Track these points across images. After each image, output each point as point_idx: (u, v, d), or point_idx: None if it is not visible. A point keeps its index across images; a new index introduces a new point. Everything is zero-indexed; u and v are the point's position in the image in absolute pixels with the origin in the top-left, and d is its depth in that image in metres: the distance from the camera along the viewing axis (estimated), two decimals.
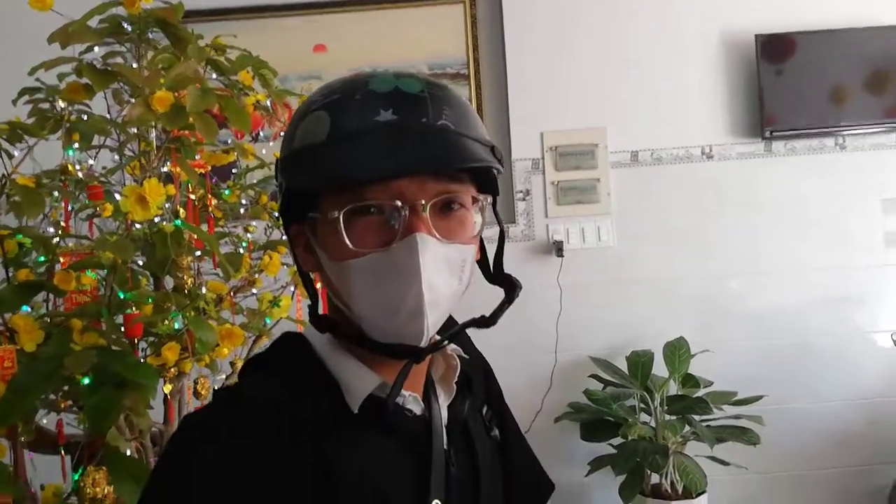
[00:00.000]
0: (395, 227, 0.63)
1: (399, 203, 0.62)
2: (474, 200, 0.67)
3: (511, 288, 0.70)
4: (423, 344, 0.65)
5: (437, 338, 0.68)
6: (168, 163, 1.18)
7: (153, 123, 1.12)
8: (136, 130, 1.24)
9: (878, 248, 2.60)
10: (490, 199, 0.69)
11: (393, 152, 0.60)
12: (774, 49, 2.51)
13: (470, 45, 2.64)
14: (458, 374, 0.74)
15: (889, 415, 2.55)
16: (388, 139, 0.61)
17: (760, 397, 2.37)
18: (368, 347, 0.67)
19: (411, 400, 0.70)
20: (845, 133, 2.57)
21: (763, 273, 2.60)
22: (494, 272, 0.73)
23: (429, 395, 0.73)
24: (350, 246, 0.63)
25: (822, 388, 2.60)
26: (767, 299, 2.60)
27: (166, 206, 1.20)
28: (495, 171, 0.67)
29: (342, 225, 0.63)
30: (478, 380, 0.80)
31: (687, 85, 2.60)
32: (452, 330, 0.70)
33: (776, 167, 2.59)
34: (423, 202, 0.63)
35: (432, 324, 0.64)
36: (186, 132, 1.16)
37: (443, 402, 0.73)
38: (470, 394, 0.76)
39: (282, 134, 1.89)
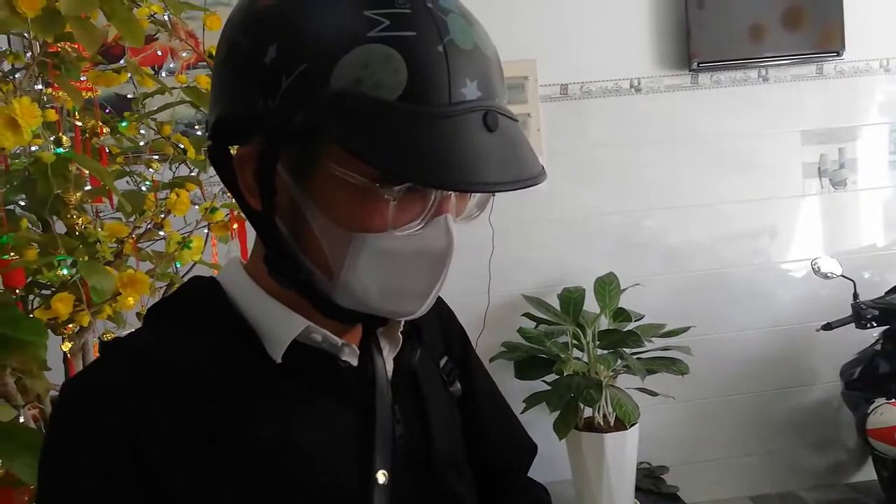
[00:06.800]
0: (427, 205, 0.52)
1: None
2: None
3: None
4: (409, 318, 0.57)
5: None
6: (47, 83, 1.00)
7: (23, 34, 0.94)
8: (6, 47, 1.05)
9: (796, 180, 2.67)
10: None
11: (491, 161, 0.49)
12: None
13: None
14: (402, 323, 0.64)
15: (802, 340, 2.67)
16: (479, 133, 0.49)
17: (688, 328, 2.41)
18: (322, 309, 0.56)
19: (347, 351, 0.59)
20: (767, 65, 2.58)
21: (687, 206, 2.62)
22: None
23: (369, 347, 0.62)
24: (389, 225, 0.51)
25: (740, 317, 2.68)
26: (689, 233, 2.63)
27: (51, 138, 1.03)
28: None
29: (392, 207, 0.51)
30: (432, 327, 0.70)
31: (616, 16, 2.53)
32: None
33: (702, 100, 2.59)
34: None
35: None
36: (66, 45, 0.98)
37: (387, 354, 0.63)
38: (420, 343, 0.65)
39: (191, 67, 1.64)
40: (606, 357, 2.33)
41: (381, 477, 0.57)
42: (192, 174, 1.28)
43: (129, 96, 1.28)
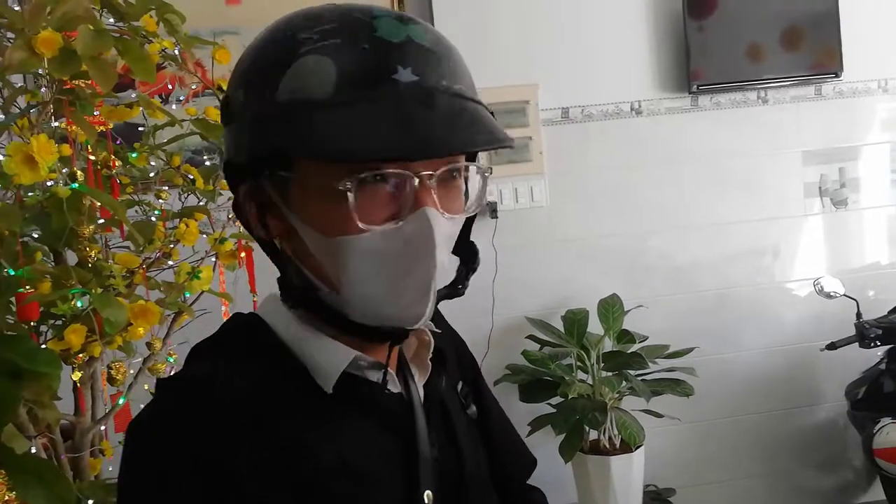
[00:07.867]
0: (403, 199, 0.55)
1: (409, 173, 0.54)
2: (466, 169, 0.60)
3: (473, 257, 0.64)
4: (418, 325, 0.58)
5: None
6: (62, 119, 1.02)
7: (41, 72, 0.97)
8: (23, 83, 1.08)
9: (797, 200, 2.69)
10: (491, 170, 0.62)
11: (427, 127, 0.52)
12: (698, 4, 2.51)
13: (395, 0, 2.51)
14: (431, 351, 0.67)
15: (807, 359, 2.67)
16: (415, 108, 0.52)
17: (692, 349, 2.41)
18: (340, 327, 0.59)
19: (389, 378, 0.63)
20: (766, 87, 2.61)
21: (690, 227, 2.63)
22: (461, 242, 0.65)
23: (403, 374, 0.66)
24: (358, 222, 0.54)
25: (745, 337, 2.68)
26: (692, 253, 2.64)
27: (63, 170, 1.05)
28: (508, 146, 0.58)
29: (353, 198, 0.53)
30: (451, 355, 0.74)
31: (616, 40, 2.56)
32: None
33: (702, 122, 2.62)
34: (431, 172, 0.55)
35: (434, 306, 0.58)
36: (81, 82, 1.01)
37: (418, 380, 0.67)
38: (445, 370, 0.69)
39: (197, 96, 1.68)
40: (611, 379, 2.32)
41: (427, 497, 0.61)
42: (201, 203, 1.30)
43: (139, 129, 1.30)
